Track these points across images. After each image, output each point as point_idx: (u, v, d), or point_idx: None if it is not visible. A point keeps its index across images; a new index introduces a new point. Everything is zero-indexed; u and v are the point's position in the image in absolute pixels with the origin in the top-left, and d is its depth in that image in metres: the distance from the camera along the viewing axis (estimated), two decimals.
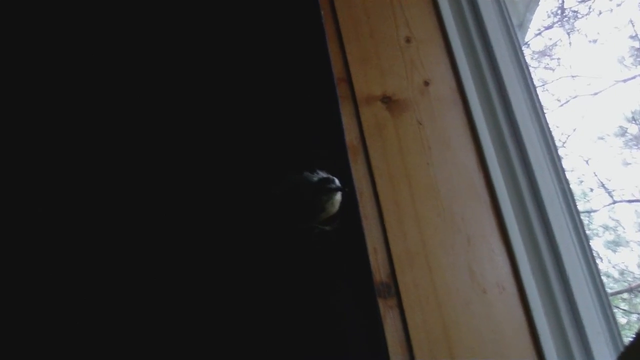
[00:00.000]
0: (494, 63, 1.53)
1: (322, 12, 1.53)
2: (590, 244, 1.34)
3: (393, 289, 1.25)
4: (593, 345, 1.21)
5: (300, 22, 1.53)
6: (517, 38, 1.58)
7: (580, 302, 1.25)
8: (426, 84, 1.50)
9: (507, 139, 1.44)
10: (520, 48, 1.57)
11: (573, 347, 1.22)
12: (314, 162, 1.30)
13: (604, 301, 1.28)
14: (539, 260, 1.31)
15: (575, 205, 1.39)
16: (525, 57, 1.58)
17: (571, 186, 1.43)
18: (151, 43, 1.55)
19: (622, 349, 1.23)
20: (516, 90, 1.50)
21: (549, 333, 1.22)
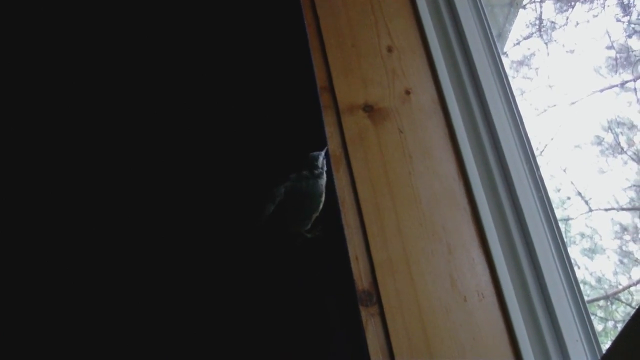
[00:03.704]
0: (474, 73, 1.55)
1: (305, 22, 1.54)
2: (568, 252, 1.36)
3: (375, 296, 1.26)
4: (571, 352, 1.23)
5: (284, 33, 1.54)
6: (496, 48, 1.60)
7: (558, 309, 1.27)
8: (407, 93, 1.52)
9: (487, 148, 1.46)
10: (500, 58, 1.59)
11: (551, 353, 1.23)
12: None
13: (581, 308, 1.29)
14: (517, 268, 1.33)
15: (554, 214, 1.41)
16: (505, 67, 1.60)
17: (549, 194, 1.45)
18: (138, 56, 1.56)
19: (599, 355, 1.25)
20: (496, 99, 1.52)
21: (528, 339, 1.24)
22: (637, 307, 1.03)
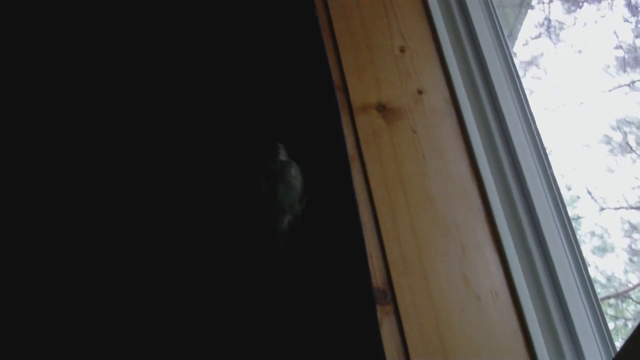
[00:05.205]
0: (486, 73, 1.55)
1: (320, 24, 1.55)
2: (581, 250, 1.36)
3: (389, 295, 1.26)
4: (585, 350, 1.23)
5: (300, 34, 1.54)
6: (508, 48, 1.61)
7: (572, 308, 1.27)
8: (420, 92, 1.53)
9: (499, 147, 1.46)
10: (512, 58, 1.60)
11: (566, 352, 1.23)
12: (314, 169, 1.32)
13: (595, 307, 1.30)
14: (531, 267, 1.33)
15: (566, 212, 1.41)
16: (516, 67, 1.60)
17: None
18: (146, 55, 1.56)
19: (613, 353, 1.25)
20: (507, 99, 1.52)
21: (542, 338, 1.24)
22: None
